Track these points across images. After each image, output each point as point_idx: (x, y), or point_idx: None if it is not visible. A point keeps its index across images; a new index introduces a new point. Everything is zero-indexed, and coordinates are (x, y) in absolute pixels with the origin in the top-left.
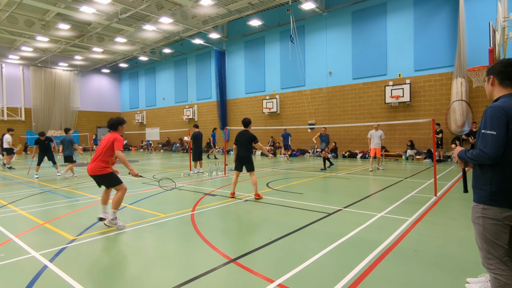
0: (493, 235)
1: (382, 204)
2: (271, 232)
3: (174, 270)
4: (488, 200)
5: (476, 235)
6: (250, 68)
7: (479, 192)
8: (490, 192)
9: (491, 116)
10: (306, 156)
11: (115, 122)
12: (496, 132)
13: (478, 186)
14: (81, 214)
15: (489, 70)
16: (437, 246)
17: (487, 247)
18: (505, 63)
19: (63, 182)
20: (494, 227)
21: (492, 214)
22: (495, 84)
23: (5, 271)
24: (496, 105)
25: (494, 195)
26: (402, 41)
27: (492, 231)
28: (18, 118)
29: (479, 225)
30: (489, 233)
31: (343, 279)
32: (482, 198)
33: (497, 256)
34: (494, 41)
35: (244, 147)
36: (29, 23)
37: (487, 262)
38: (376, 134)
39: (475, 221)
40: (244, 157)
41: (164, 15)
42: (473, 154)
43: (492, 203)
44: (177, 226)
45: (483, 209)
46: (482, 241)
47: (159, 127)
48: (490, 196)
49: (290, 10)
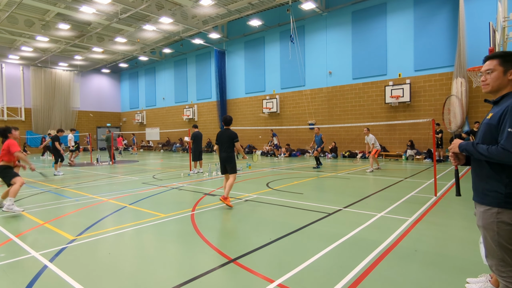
0: (508, 241)
1: (382, 204)
2: (271, 232)
3: (174, 270)
4: (502, 202)
5: (489, 241)
6: (250, 68)
7: (491, 195)
8: (505, 194)
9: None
10: (306, 156)
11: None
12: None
13: (488, 188)
14: (81, 214)
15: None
16: (437, 246)
17: (502, 254)
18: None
19: (63, 182)
20: (510, 232)
21: (508, 218)
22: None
23: (5, 271)
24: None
25: (510, 197)
26: (402, 41)
27: (507, 237)
28: (18, 118)
29: (493, 231)
30: (504, 239)
31: (343, 279)
32: (495, 200)
33: (511, 263)
34: (494, 41)
35: (225, 146)
36: (29, 23)
37: (499, 270)
38: (367, 139)
39: (488, 227)
40: (225, 157)
41: (164, 15)
42: (491, 151)
43: (507, 205)
44: (177, 226)
45: (497, 213)
46: (496, 248)
47: (159, 127)
48: (505, 198)
49: (290, 10)
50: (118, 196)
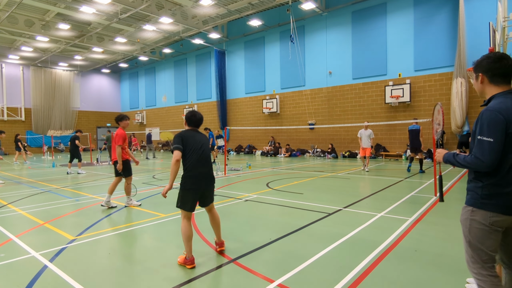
0: (478, 240)
1: (382, 204)
2: (271, 232)
3: (174, 270)
4: (478, 203)
5: (463, 237)
6: (250, 68)
7: (470, 194)
8: (481, 195)
9: (488, 121)
10: (306, 156)
11: None
12: (493, 139)
13: (470, 188)
14: (81, 214)
15: (476, 66)
16: (437, 246)
17: (471, 251)
18: (492, 58)
19: (63, 182)
20: (480, 231)
21: (480, 218)
22: (485, 82)
23: (5, 271)
24: (492, 107)
25: (485, 198)
26: (402, 41)
27: (477, 235)
28: (18, 118)
29: (466, 227)
30: (473, 237)
31: (343, 279)
32: (472, 200)
33: (479, 261)
34: (494, 41)
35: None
36: (29, 23)
37: (470, 266)
38: (365, 134)
39: (463, 223)
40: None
41: (164, 15)
42: (467, 160)
43: (482, 206)
44: (177, 226)
45: (472, 211)
46: (466, 244)
47: (159, 127)
48: (481, 199)
49: (290, 10)
50: (118, 196)
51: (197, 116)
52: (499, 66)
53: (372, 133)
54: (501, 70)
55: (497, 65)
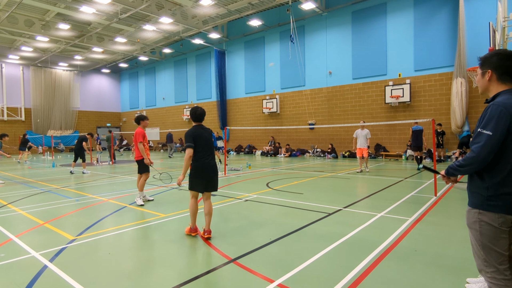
0: (491, 241)
1: (382, 204)
2: (271, 232)
3: (174, 270)
4: (484, 205)
5: (472, 241)
6: (250, 68)
7: (475, 196)
8: (486, 197)
9: (493, 115)
10: (306, 156)
11: None
12: (492, 133)
13: (473, 189)
14: (81, 214)
15: (485, 62)
16: (437, 246)
17: (484, 254)
18: (503, 55)
19: (63, 182)
20: (492, 233)
21: (489, 220)
22: (493, 80)
23: (5, 271)
24: (500, 102)
25: (491, 200)
26: (402, 41)
27: (490, 236)
28: (18, 118)
29: (476, 231)
30: (487, 239)
31: (343, 279)
32: (478, 202)
33: (494, 263)
34: (494, 41)
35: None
36: (29, 23)
37: (484, 270)
38: (361, 134)
39: (472, 227)
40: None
41: (164, 15)
42: (460, 161)
43: (489, 208)
44: (177, 226)
45: (479, 213)
46: (479, 247)
47: (159, 127)
48: (486, 201)
49: (290, 10)
50: (118, 196)
51: (198, 112)
52: (510, 64)
53: (369, 132)
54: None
55: (508, 63)
